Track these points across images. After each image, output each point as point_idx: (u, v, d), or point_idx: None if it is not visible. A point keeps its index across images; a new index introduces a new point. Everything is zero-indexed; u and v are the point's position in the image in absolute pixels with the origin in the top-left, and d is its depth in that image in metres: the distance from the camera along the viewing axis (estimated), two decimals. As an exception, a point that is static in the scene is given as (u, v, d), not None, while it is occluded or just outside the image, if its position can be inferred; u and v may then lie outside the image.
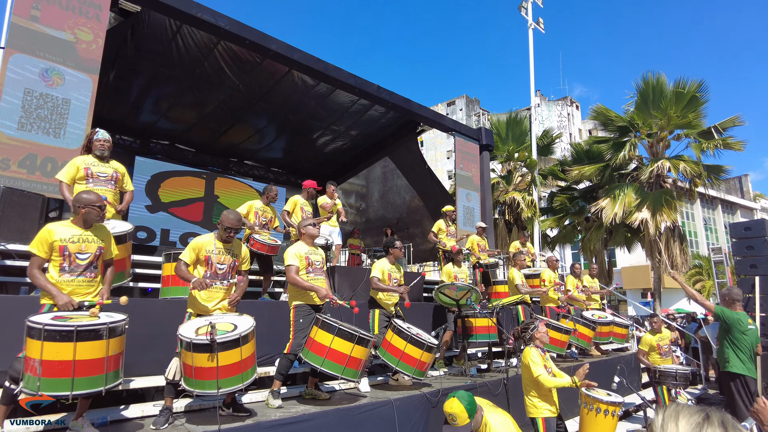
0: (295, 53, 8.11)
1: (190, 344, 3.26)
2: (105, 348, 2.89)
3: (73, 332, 2.77)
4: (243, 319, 3.64)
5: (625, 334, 8.87)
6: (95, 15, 5.97)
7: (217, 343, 3.23)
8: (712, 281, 17.28)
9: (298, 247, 4.57)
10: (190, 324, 3.53)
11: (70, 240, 3.34)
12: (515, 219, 16.10)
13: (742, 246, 8.04)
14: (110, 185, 4.68)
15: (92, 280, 3.44)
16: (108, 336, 2.91)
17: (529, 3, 17.17)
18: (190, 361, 3.28)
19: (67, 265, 3.31)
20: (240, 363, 3.39)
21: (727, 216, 35.54)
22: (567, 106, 52.77)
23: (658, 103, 14.69)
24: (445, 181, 35.28)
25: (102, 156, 4.68)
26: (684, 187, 15.67)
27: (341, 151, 13.16)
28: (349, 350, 4.04)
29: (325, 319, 4.13)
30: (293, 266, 4.39)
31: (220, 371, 3.26)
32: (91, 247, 3.43)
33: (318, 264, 4.60)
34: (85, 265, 3.38)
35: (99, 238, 3.50)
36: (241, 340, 3.38)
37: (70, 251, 3.32)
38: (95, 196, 3.47)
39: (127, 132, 11.39)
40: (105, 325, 2.91)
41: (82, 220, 3.42)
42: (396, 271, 5.49)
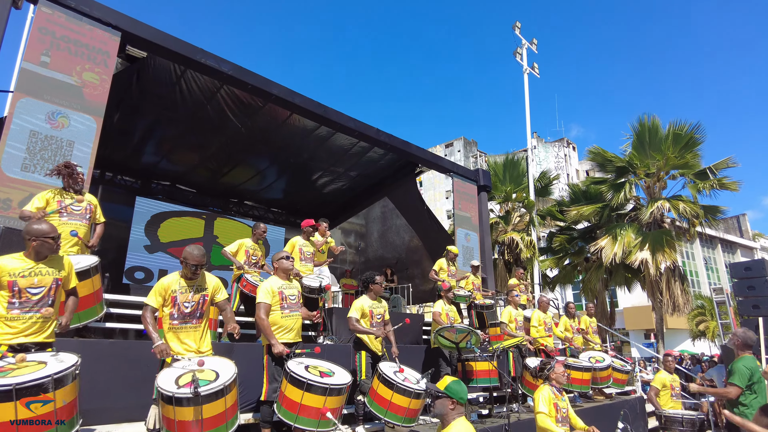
0: (296, 98, 8.31)
1: (172, 398, 3.02)
2: (54, 400, 2.66)
3: (11, 391, 2.52)
4: (224, 365, 3.44)
5: (625, 379, 8.61)
6: (103, 61, 6.15)
7: (201, 396, 3.02)
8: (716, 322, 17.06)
9: (270, 283, 4.39)
10: (169, 372, 3.27)
11: (20, 274, 3.14)
12: (515, 259, 16.05)
13: (744, 286, 7.99)
14: (84, 219, 4.59)
15: (47, 318, 3.21)
16: (54, 388, 2.67)
17: (524, 49, 17.76)
18: (172, 415, 3.04)
19: (17, 301, 3.10)
20: (224, 413, 3.21)
21: (728, 255, 35.45)
22: (564, 147, 53.55)
23: (654, 144, 14.94)
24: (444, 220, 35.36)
25: (78, 190, 4.58)
26: (683, 227, 15.71)
27: (341, 191, 13.27)
28: (322, 404, 3.80)
29: (293, 372, 3.84)
30: (262, 304, 4.21)
31: (205, 424, 3.08)
32: (45, 280, 3.22)
33: (293, 299, 4.42)
34: (37, 300, 3.17)
35: (55, 269, 3.29)
36: (225, 390, 3.20)
37: (20, 286, 3.12)
38: (48, 226, 3.29)
39: (128, 173, 11.52)
40: (49, 378, 2.65)
41: (34, 252, 3.23)
42: (378, 306, 5.25)
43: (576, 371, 7.20)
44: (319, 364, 4.20)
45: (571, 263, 17.66)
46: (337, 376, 4.06)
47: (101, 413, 3.89)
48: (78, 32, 5.97)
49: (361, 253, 14.63)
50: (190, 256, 3.65)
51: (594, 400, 7.90)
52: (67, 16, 5.91)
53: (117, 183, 11.42)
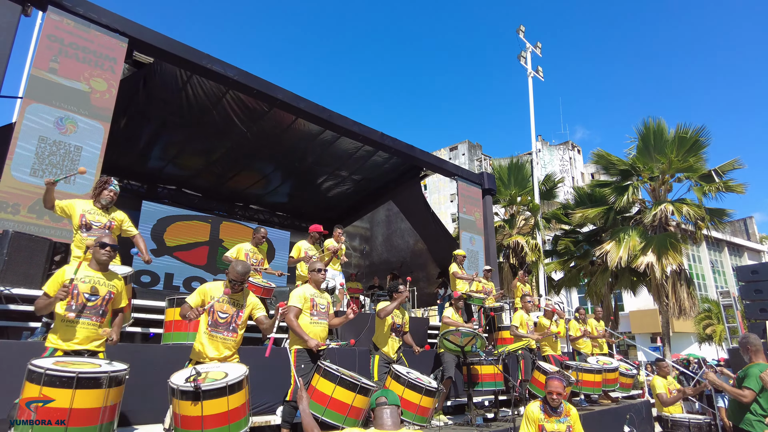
0: (301, 102, 8.36)
1: (176, 391, 3.13)
2: (104, 398, 2.81)
3: (73, 378, 2.70)
4: (235, 368, 3.49)
5: (630, 383, 8.58)
6: (110, 67, 6.23)
7: (202, 391, 3.07)
8: (723, 325, 16.94)
9: (303, 289, 4.53)
10: (184, 371, 3.39)
11: (82, 280, 3.34)
12: (520, 262, 16.01)
13: (751, 290, 7.96)
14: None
15: (94, 324, 3.38)
16: (108, 385, 2.84)
17: (528, 53, 17.76)
18: (177, 409, 3.15)
19: (74, 305, 3.29)
20: (227, 413, 3.18)
21: (735, 258, 35.23)
22: (568, 151, 53.46)
23: (659, 147, 14.90)
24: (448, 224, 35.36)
25: (105, 205, 4.49)
26: (688, 230, 15.64)
27: (345, 195, 13.31)
28: (351, 400, 3.90)
29: (326, 367, 4.01)
30: (294, 308, 4.35)
31: (205, 421, 3.09)
32: (102, 290, 3.42)
33: (323, 308, 4.55)
34: (92, 306, 3.35)
35: (110, 283, 3.50)
36: (228, 389, 3.18)
37: (80, 290, 3.32)
38: (109, 238, 3.53)
39: (135, 177, 11.61)
40: (106, 374, 2.83)
41: (93, 260, 3.48)
42: (399, 315, 5.41)
43: (587, 373, 7.21)
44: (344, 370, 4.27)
45: (576, 266, 17.61)
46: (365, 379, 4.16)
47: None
48: (86, 39, 6.05)
49: (366, 257, 14.65)
50: (237, 275, 3.78)
51: (600, 404, 7.87)
52: (76, 23, 5.99)
53: (123, 187, 11.37)
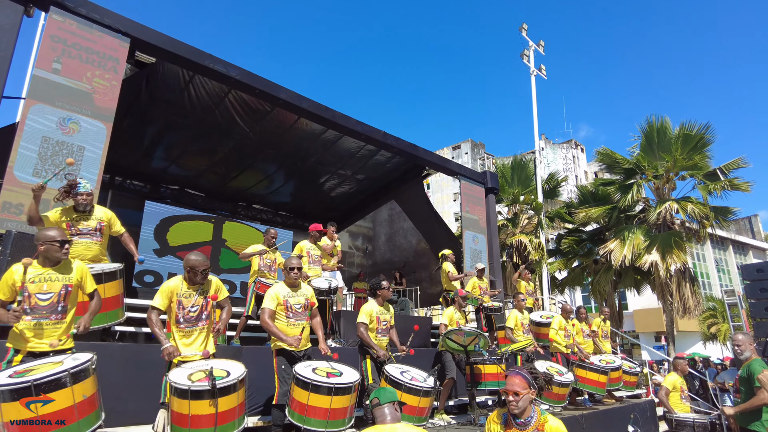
0: (303, 102, 8.35)
1: (188, 391, 3.09)
2: (72, 395, 2.73)
3: (30, 387, 2.58)
4: (233, 365, 3.54)
5: (634, 381, 8.54)
6: (112, 67, 6.23)
7: (217, 389, 3.12)
8: (728, 324, 16.88)
9: (276, 289, 4.44)
10: (179, 371, 3.35)
11: (30, 279, 3.17)
12: (523, 261, 15.96)
13: (756, 288, 7.91)
14: (95, 237, 4.51)
15: (57, 322, 3.23)
16: (72, 382, 2.74)
17: (531, 51, 17.72)
18: (187, 410, 3.10)
19: (27, 307, 3.13)
20: (236, 408, 3.30)
21: (739, 257, 35.05)
22: (572, 149, 53.31)
23: (663, 145, 14.84)
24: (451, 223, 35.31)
25: (85, 209, 4.45)
26: (693, 229, 15.57)
27: (348, 194, 13.30)
28: (328, 403, 3.82)
29: (298, 374, 3.89)
30: (266, 309, 4.26)
31: (219, 417, 3.15)
32: (54, 286, 3.24)
33: (298, 307, 4.44)
34: (46, 305, 3.19)
35: (65, 275, 3.31)
36: (238, 385, 3.30)
37: (30, 291, 3.15)
38: (56, 231, 3.32)
39: (138, 177, 11.63)
40: (66, 372, 2.71)
41: (42, 257, 3.26)
42: (385, 312, 5.24)
43: (592, 372, 7.18)
44: (327, 366, 4.22)
45: (580, 265, 17.55)
46: (344, 376, 4.07)
47: (110, 415, 3.90)
48: (88, 39, 6.05)
49: (368, 257, 14.65)
50: (196, 263, 3.68)
51: (604, 403, 7.84)
52: (78, 23, 6.00)
53: (126, 188, 11.53)
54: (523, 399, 2.78)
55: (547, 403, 6.43)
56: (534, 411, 2.83)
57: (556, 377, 6.38)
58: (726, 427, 9.56)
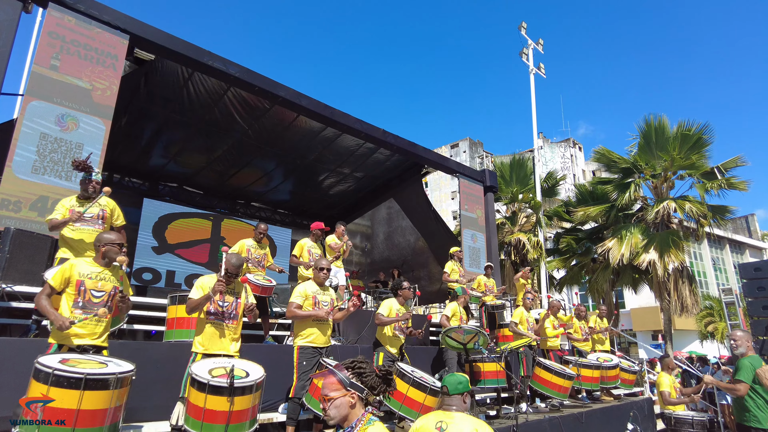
0: (303, 100, 8.34)
1: (206, 385, 3.19)
2: (110, 399, 2.81)
3: (81, 380, 2.69)
4: (252, 367, 3.62)
5: (633, 379, 8.57)
6: (111, 64, 6.21)
7: (236, 388, 3.20)
8: (725, 323, 16.94)
9: (305, 286, 4.56)
10: (201, 364, 3.47)
11: (89, 276, 3.37)
12: (521, 260, 16.00)
13: (753, 287, 7.92)
14: (97, 225, 4.54)
15: (101, 319, 3.41)
16: (116, 386, 2.84)
17: (530, 49, 17.72)
18: (202, 403, 3.20)
19: (81, 301, 3.31)
20: (249, 410, 3.35)
21: (736, 256, 35.16)
22: (570, 148, 53.37)
23: (661, 144, 14.85)
24: (449, 221, 35.35)
25: (88, 196, 4.54)
26: (690, 228, 15.60)
27: (347, 192, 13.29)
28: None
29: (327, 364, 4.03)
30: (293, 303, 4.40)
31: (231, 416, 3.21)
32: (107, 286, 3.45)
33: (326, 305, 4.57)
34: (97, 302, 3.38)
35: (116, 278, 3.53)
36: (255, 387, 3.37)
37: (87, 287, 3.34)
38: (116, 235, 3.54)
39: (136, 175, 11.60)
40: (114, 375, 2.84)
41: (102, 257, 3.48)
42: (404, 312, 5.38)
43: (585, 368, 7.21)
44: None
45: (578, 264, 17.58)
46: None
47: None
48: (87, 36, 6.03)
49: (367, 255, 14.65)
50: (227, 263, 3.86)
51: (602, 401, 7.87)
52: (77, 20, 5.98)
53: (125, 185, 11.49)
54: (336, 404, 2.07)
55: (552, 395, 6.46)
56: (360, 419, 2.09)
57: (559, 369, 6.42)
58: (723, 425, 9.65)
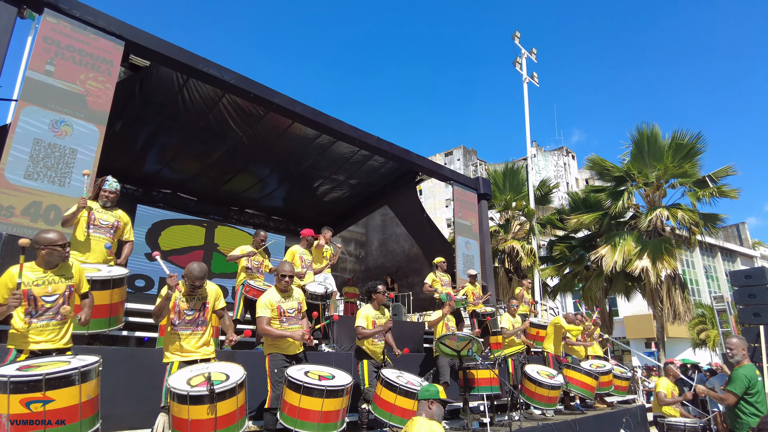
0: (297, 106, 8.36)
1: (186, 396, 3.11)
2: (78, 394, 2.76)
3: (41, 381, 2.61)
4: (233, 368, 3.55)
5: (626, 386, 8.59)
6: (106, 70, 6.21)
7: (216, 393, 3.13)
8: (717, 330, 17.02)
9: (268, 296, 4.47)
10: (179, 374, 3.37)
11: (34, 283, 3.19)
12: (515, 267, 16.05)
13: (744, 294, 7.99)
14: (109, 234, 4.61)
15: (62, 323, 3.28)
16: (80, 381, 2.77)
17: (524, 58, 17.88)
18: (186, 415, 3.12)
19: (33, 310, 3.16)
20: (236, 412, 3.31)
21: (728, 264, 35.42)
22: (563, 156, 53.65)
23: (653, 153, 14.99)
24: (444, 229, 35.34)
25: (104, 206, 4.63)
26: (683, 235, 15.72)
27: (341, 199, 13.29)
28: (320, 406, 3.82)
29: (290, 377, 3.91)
30: (263, 318, 4.31)
31: (218, 422, 3.16)
32: (59, 288, 3.28)
33: (291, 312, 4.47)
34: (52, 307, 3.23)
35: (66, 278, 3.35)
36: (237, 389, 3.32)
37: (35, 295, 3.18)
38: (57, 234, 3.31)
39: (130, 180, 11.54)
40: (76, 370, 2.76)
41: (44, 261, 3.28)
42: (381, 317, 5.29)
43: (581, 374, 7.22)
44: (319, 369, 4.22)
45: (571, 272, 17.65)
46: (337, 379, 4.08)
47: (105, 421, 3.87)
48: (82, 41, 6.03)
49: (361, 262, 14.63)
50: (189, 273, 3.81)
51: (595, 408, 7.88)
52: (72, 25, 5.97)
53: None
54: None
55: (540, 406, 6.45)
56: None
57: (546, 380, 6.41)
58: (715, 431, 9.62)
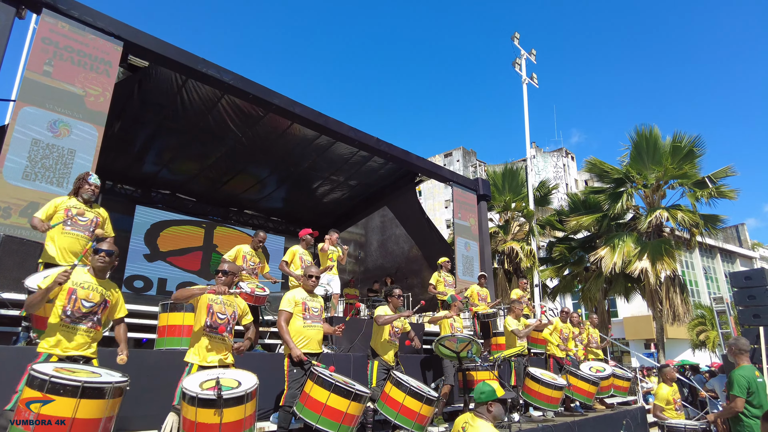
0: (296, 107, 8.35)
1: (195, 398, 3.12)
2: (105, 408, 2.75)
3: (79, 387, 2.62)
4: (246, 376, 3.56)
5: (627, 387, 8.58)
6: (105, 70, 6.20)
7: (223, 399, 3.13)
8: (716, 331, 17.01)
9: (294, 293, 4.50)
10: (194, 377, 3.41)
11: (81, 285, 3.31)
12: (515, 268, 16.03)
13: (744, 295, 7.97)
14: (88, 232, 4.43)
15: (90, 330, 3.33)
16: (111, 396, 2.79)
17: (523, 60, 17.87)
18: (193, 417, 3.14)
19: (69, 309, 3.23)
20: (243, 420, 3.28)
21: (727, 265, 35.42)
22: (562, 157, 53.71)
23: (653, 154, 14.98)
24: (443, 230, 35.35)
25: (88, 200, 4.50)
26: (682, 237, 15.72)
27: (340, 201, 13.28)
28: (345, 407, 3.88)
29: (320, 374, 3.96)
30: (284, 312, 4.34)
31: (223, 428, 3.14)
32: (97, 297, 3.38)
33: (315, 311, 4.52)
34: (86, 312, 3.29)
35: (107, 291, 3.47)
36: (246, 398, 3.29)
37: (78, 296, 3.28)
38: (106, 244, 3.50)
39: (129, 181, 11.53)
40: (110, 385, 2.78)
41: (95, 269, 3.45)
42: (399, 319, 5.38)
43: (582, 381, 7.19)
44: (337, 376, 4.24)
45: (571, 273, 17.63)
46: (359, 386, 4.13)
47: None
48: (81, 42, 6.02)
49: (360, 263, 14.61)
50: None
51: (595, 410, 7.85)
52: (71, 26, 5.97)
53: (117, 192, 11.43)
54: None
55: (542, 406, 6.42)
56: None
57: (550, 380, 6.40)
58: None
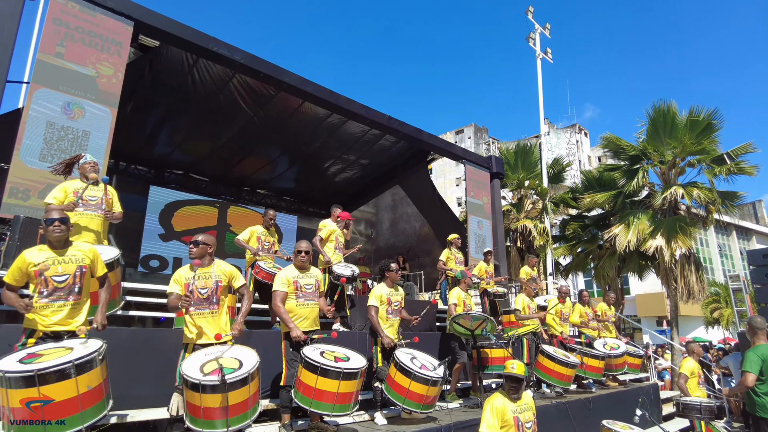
0: (308, 86, 8.27)
1: (199, 385, 3.12)
2: (74, 387, 2.75)
3: (33, 377, 2.64)
4: (247, 353, 3.54)
5: (639, 364, 8.60)
6: (116, 51, 6.17)
7: (227, 384, 3.13)
8: (731, 309, 16.90)
9: (285, 272, 4.47)
10: (193, 359, 3.39)
11: (43, 263, 3.24)
12: (528, 247, 15.96)
13: (762, 273, 7.87)
14: (99, 210, 4.51)
15: (76, 303, 3.31)
16: (76, 374, 2.76)
17: (537, 34, 17.47)
18: (198, 402, 3.15)
19: (45, 290, 3.21)
20: (248, 400, 3.32)
21: (743, 242, 34.97)
22: (575, 134, 52.92)
23: (670, 130, 14.64)
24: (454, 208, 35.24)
25: (94, 179, 4.53)
26: (698, 214, 15.47)
27: (352, 180, 13.26)
28: (336, 387, 3.87)
29: (307, 357, 3.92)
30: (278, 292, 4.32)
31: (230, 410, 3.18)
32: (69, 268, 3.31)
33: (309, 288, 4.47)
34: (62, 287, 3.26)
35: (78, 257, 3.37)
36: (249, 378, 3.31)
37: (46, 275, 3.22)
38: (56, 213, 3.33)
39: (142, 162, 11.60)
40: (70, 363, 2.75)
41: (48, 241, 3.33)
42: (395, 293, 5.30)
43: (592, 359, 7.21)
44: (334, 350, 4.25)
45: (584, 251, 17.50)
46: (352, 361, 4.12)
47: (122, 401, 3.93)
48: (91, 22, 5.98)
49: (372, 241, 14.66)
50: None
51: (608, 387, 7.90)
52: (81, 6, 5.93)
53: (131, 173, 11.51)
54: None
55: (555, 383, 6.47)
56: None
57: (563, 358, 6.44)
58: (728, 410, 9.65)
